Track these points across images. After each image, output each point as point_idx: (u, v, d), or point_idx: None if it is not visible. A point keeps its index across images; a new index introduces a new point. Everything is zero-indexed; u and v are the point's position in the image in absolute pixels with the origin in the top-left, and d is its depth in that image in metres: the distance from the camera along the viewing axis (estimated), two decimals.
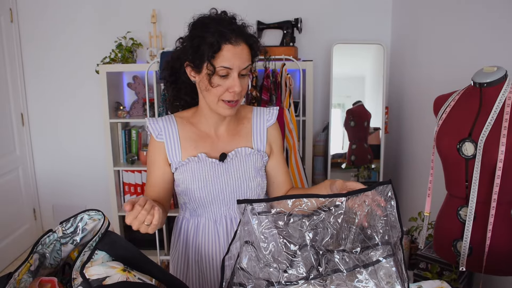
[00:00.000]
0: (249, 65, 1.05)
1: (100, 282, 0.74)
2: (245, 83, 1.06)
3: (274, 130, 1.21)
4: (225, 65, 1.01)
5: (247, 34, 1.06)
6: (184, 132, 1.15)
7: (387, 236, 0.79)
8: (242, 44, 1.03)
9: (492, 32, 1.60)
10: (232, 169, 1.12)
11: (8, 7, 2.92)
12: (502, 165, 1.12)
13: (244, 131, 1.18)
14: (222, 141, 1.15)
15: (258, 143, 1.18)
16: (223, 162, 1.12)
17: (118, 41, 2.75)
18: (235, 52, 1.02)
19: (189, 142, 1.14)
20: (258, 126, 1.19)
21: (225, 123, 1.16)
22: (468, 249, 1.21)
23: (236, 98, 1.05)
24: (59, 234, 0.85)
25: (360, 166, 2.76)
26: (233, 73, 1.02)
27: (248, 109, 1.22)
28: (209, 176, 1.11)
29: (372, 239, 0.79)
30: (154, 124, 1.15)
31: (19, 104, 3.05)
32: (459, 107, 1.29)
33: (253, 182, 1.13)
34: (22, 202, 3.08)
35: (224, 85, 1.03)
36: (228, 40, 1.01)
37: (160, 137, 1.14)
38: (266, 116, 1.20)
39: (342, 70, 2.67)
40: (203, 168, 1.11)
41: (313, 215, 0.81)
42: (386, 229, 0.79)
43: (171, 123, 1.16)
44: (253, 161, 1.15)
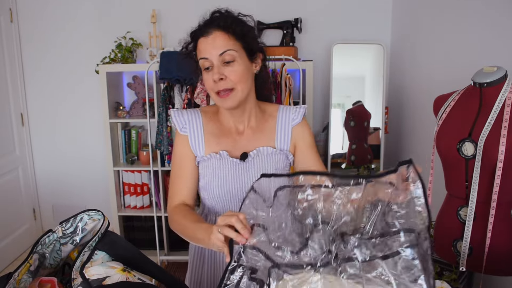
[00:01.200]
0: (229, 50, 1.00)
1: (100, 282, 0.74)
2: (233, 70, 1.01)
3: (300, 128, 1.15)
4: (201, 56, 1.02)
5: (219, 19, 1.02)
6: (208, 127, 1.13)
7: (411, 223, 0.69)
8: (214, 31, 1.01)
9: (492, 32, 1.60)
10: (253, 169, 1.10)
11: (8, 7, 2.91)
12: (502, 165, 1.12)
13: (268, 129, 1.14)
14: (245, 138, 1.12)
15: (282, 142, 1.13)
16: (244, 161, 1.09)
17: (118, 41, 2.75)
18: (207, 42, 1.01)
19: (213, 137, 1.12)
20: (283, 125, 1.14)
21: (246, 119, 1.12)
22: (468, 249, 1.21)
23: (223, 87, 1.01)
24: (59, 234, 0.85)
25: (360, 166, 2.76)
26: (213, 62, 1.01)
27: (274, 107, 1.18)
28: (229, 174, 1.09)
29: (392, 226, 0.70)
30: (178, 117, 1.14)
31: (19, 104, 3.05)
32: (459, 107, 1.29)
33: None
34: (22, 202, 3.07)
35: (210, 77, 1.02)
36: (201, 34, 1.02)
37: (184, 130, 1.13)
38: (292, 115, 1.15)
39: (342, 70, 2.67)
40: (224, 166, 1.09)
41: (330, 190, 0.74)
42: (409, 215, 0.69)
43: (196, 116, 1.14)
44: (275, 161, 1.11)
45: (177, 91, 2.54)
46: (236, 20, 1.04)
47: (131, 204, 2.86)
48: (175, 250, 2.91)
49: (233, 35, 1.02)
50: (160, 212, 2.76)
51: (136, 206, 2.86)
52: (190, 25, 1.10)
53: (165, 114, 2.56)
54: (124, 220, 2.93)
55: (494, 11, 1.59)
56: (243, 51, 1.04)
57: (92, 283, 0.74)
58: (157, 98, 2.62)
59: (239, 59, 1.02)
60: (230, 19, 1.03)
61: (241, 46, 1.03)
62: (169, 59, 2.40)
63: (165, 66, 2.40)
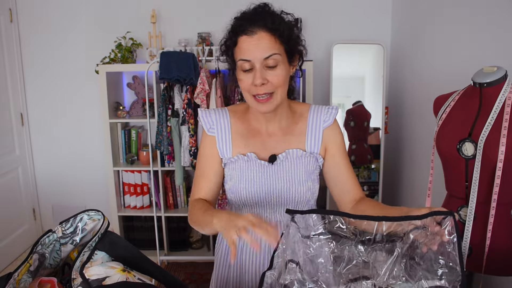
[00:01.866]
0: (274, 54, 0.94)
1: (100, 282, 0.74)
2: (275, 75, 0.96)
3: (331, 131, 1.09)
4: (243, 58, 0.95)
5: (265, 19, 0.95)
6: (236, 127, 1.09)
7: (443, 280, 0.68)
8: (260, 31, 0.94)
9: (492, 32, 1.60)
10: (282, 172, 1.06)
11: (7, 7, 2.91)
12: (502, 165, 1.12)
13: (298, 131, 1.09)
14: (274, 140, 1.08)
15: (312, 145, 1.08)
16: (272, 164, 1.06)
17: (118, 41, 2.75)
18: (251, 42, 0.94)
19: (240, 138, 1.09)
20: (314, 126, 1.09)
21: (277, 120, 1.08)
22: (468, 249, 1.21)
23: (263, 91, 0.96)
24: (59, 234, 0.85)
25: (360, 166, 2.76)
26: (255, 65, 0.95)
27: (305, 107, 1.12)
28: (257, 177, 1.05)
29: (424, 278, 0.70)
30: (206, 117, 1.11)
31: (19, 104, 3.04)
32: (459, 107, 1.29)
33: (303, 186, 1.06)
34: (21, 202, 3.07)
35: (249, 80, 0.97)
36: (243, 32, 0.95)
37: (212, 130, 1.10)
38: (324, 116, 1.09)
39: (342, 70, 2.67)
40: (251, 168, 1.06)
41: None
42: (443, 270, 0.69)
43: (224, 116, 1.10)
44: (305, 164, 1.07)
45: (177, 91, 2.54)
46: (282, 20, 0.98)
47: (131, 204, 2.86)
48: (175, 250, 2.91)
49: (279, 38, 0.96)
50: (160, 212, 2.76)
51: (136, 206, 2.86)
52: (190, 25, 1.07)
53: (165, 114, 2.56)
54: (124, 220, 2.93)
55: (494, 11, 1.59)
56: (285, 55, 0.99)
57: (92, 283, 0.74)
58: (157, 98, 2.62)
59: (282, 64, 0.97)
60: (278, 19, 0.97)
61: (284, 49, 0.98)
62: (169, 59, 2.40)
63: (165, 66, 2.40)
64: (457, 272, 0.68)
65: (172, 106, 2.55)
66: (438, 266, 0.70)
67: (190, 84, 2.46)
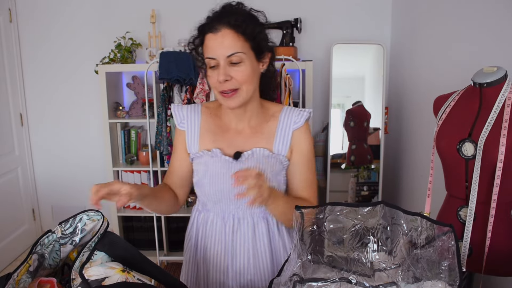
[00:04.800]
0: (237, 52, 0.96)
1: (99, 282, 0.74)
2: (239, 71, 0.98)
3: (300, 133, 1.09)
4: (208, 56, 0.98)
5: (230, 16, 0.97)
6: (206, 123, 1.12)
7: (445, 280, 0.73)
8: (223, 29, 0.96)
9: (492, 32, 1.60)
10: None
11: (7, 7, 2.91)
12: (502, 165, 1.12)
13: (267, 130, 1.09)
14: (242, 137, 1.09)
15: (280, 146, 1.08)
16: (237, 160, 1.06)
17: (117, 41, 2.75)
18: (215, 40, 0.96)
19: (209, 134, 1.11)
20: (284, 127, 1.09)
21: (247, 118, 1.09)
22: (468, 249, 1.21)
23: (227, 87, 0.98)
24: (58, 235, 0.85)
25: (360, 167, 2.76)
26: (220, 62, 0.97)
27: (278, 108, 1.12)
28: (221, 173, 1.07)
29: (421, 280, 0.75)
30: (178, 112, 1.14)
31: (18, 104, 3.04)
32: (459, 107, 1.29)
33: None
34: (21, 203, 3.07)
35: (215, 76, 0.98)
36: (209, 30, 0.97)
37: (182, 125, 1.13)
38: (295, 118, 1.09)
39: (342, 70, 2.67)
40: (216, 163, 1.07)
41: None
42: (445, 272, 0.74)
43: (195, 112, 1.13)
44: (271, 164, 1.07)
45: (176, 91, 2.54)
46: (248, 17, 1.00)
47: (131, 204, 2.86)
48: (174, 251, 2.91)
49: (243, 35, 0.97)
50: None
51: (135, 207, 2.86)
52: (190, 25, 1.07)
53: (164, 114, 2.55)
54: (124, 221, 2.93)
55: (494, 11, 1.59)
56: (251, 52, 1.00)
57: (92, 284, 0.74)
58: (156, 98, 2.62)
59: (247, 60, 0.98)
60: (242, 16, 0.98)
61: (250, 46, 0.99)
62: (169, 59, 2.40)
63: (165, 66, 2.40)
64: (456, 273, 0.72)
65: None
66: (441, 268, 0.74)
67: (189, 84, 2.46)
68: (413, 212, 0.80)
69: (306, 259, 0.84)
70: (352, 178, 2.75)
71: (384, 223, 0.82)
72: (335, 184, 2.73)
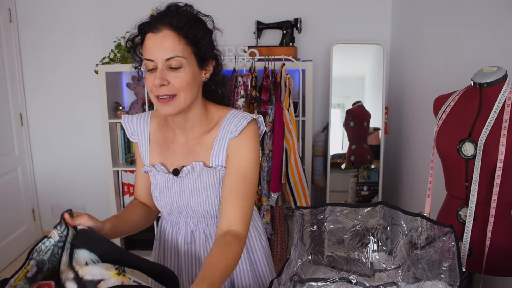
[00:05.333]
0: (177, 56, 0.89)
1: (95, 284, 0.74)
2: (178, 77, 0.91)
3: (235, 143, 0.99)
4: (147, 57, 0.91)
5: (172, 17, 0.90)
6: (154, 134, 1.09)
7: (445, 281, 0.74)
8: (164, 29, 0.90)
9: (492, 32, 1.60)
10: (186, 185, 1.03)
11: (7, 7, 2.91)
12: (502, 165, 1.12)
13: (207, 141, 1.03)
14: (184, 150, 1.05)
15: (217, 158, 1.02)
16: (177, 177, 1.03)
17: (117, 41, 2.75)
18: (155, 40, 0.90)
19: (156, 146, 1.08)
20: (222, 137, 1.01)
21: (189, 128, 1.03)
22: (468, 249, 1.21)
23: (163, 93, 0.91)
24: (56, 238, 0.84)
25: (360, 167, 2.76)
26: (158, 65, 0.90)
27: (222, 113, 1.04)
28: (166, 188, 1.05)
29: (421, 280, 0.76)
30: (128, 123, 1.11)
31: (18, 104, 3.04)
32: (459, 107, 1.29)
33: (211, 199, 1.03)
34: (21, 203, 3.07)
35: (151, 79, 0.92)
36: (150, 28, 0.91)
37: (134, 137, 1.11)
38: (232, 127, 0.99)
39: (341, 70, 2.67)
40: (161, 179, 1.06)
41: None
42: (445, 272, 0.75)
43: (145, 123, 1.10)
44: (210, 178, 1.02)
45: None
46: (192, 20, 0.93)
47: None
48: None
49: (184, 39, 0.91)
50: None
51: None
52: None
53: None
54: None
55: (494, 11, 1.59)
56: (193, 57, 0.93)
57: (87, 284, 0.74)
58: None
59: (187, 66, 0.92)
60: (185, 18, 0.92)
61: (192, 51, 0.93)
62: None
63: None
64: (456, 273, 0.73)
65: None
66: (441, 269, 0.75)
67: None
68: (413, 213, 0.80)
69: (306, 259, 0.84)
70: (352, 178, 2.75)
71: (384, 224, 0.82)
72: (335, 184, 2.73)
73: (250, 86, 2.41)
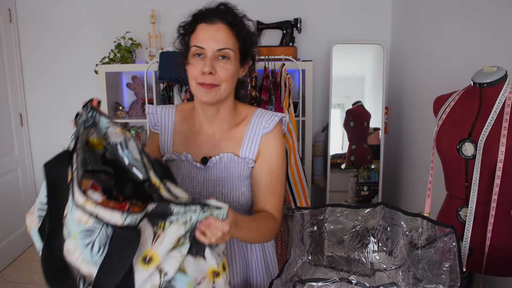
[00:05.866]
0: (227, 49, 0.96)
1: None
2: (225, 68, 0.97)
3: (268, 139, 1.06)
4: (198, 44, 0.97)
5: (227, 14, 0.98)
6: (179, 126, 1.12)
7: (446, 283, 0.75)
8: (219, 23, 0.97)
9: (492, 32, 1.60)
10: (214, 175, 1.06)
11: (7, 7, 2.91)
12: (502, 165, 1.12)
13: (237, 135, 1.08)
14: (212, 142, 1.08)
15: (247, 151, 1.06)
16: (205, 166, 1.06)
17: (117, 41, 2.75)
18: (209, 30, 0.97)
19: (181, 137, 1.11)
20: (253, 132, 1.07)
21: (219, 120, 1.07)
22: (468, 249, 1.21)
23: (208, 81, 0.97)
24: (83, 118, 0.83)
25: (360, 167, 2.76)
26: (207, 53, 0.96)
27: (250, 111, 1.10)
28: (190, 177, 1.07)
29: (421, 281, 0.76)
30: (152, 114, 1.14)
31: (18, 104, 3.04)
32: (459, 107, 1.29)
33: (236, 190, 1.06)
34: (21, 203, 3.07)
35: (199, 66, 0.97)
36: (204, 19, 0.98)
37: (156, 128, 1.13)
38: (264, 123, 1.06)
39: (341, 70, 2.67)
40: (186, 168, 1.08)
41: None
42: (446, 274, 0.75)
43: (169, 114, 1.13)
44: (238, 169, 1.05)
45: (176, 91, 2.54)
46: (242, 20, 1.02)
47: None
48: None
49: (236, 35, 0.99)
50: None
51: None
52: None
53: None
54: None
55: (494, 11, 1.59)
56: (238, 53, 1.01)
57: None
58: (156, 98, 2.62)
59: (233, 60, 0.99)
60: (238, 18, 1.00)
61: (238, 47, 1.00)
62: (169, 59, 2.40)
63: (165, 66, 2.40)
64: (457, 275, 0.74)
65: None
66: (442, 269, 0.75)
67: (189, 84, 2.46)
68: (413, 213, 0.80)
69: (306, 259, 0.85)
70: (352, 178, 2.75)
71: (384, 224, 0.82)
72: (335, 184, 2.73)
73: (250, 86, 2.41)
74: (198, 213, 0.71)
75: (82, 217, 0.67)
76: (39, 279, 2.66)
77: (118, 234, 0.66)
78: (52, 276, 0.69)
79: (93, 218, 0.66)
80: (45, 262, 0.71)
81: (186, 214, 0.71)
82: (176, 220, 0.71)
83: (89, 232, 0.67)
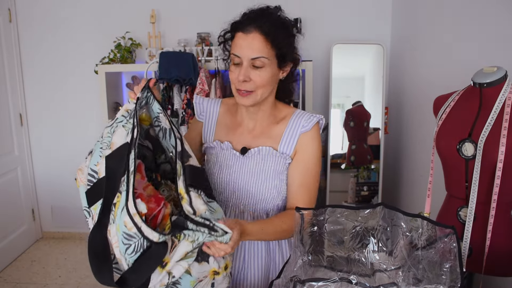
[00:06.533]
0: (262, 57, 1.01)
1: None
2: (259, 75, 1.02)
3: (306, 138, 1.10)
4: (235, 53, 1.03)
5: (264, 21, 1.01)
6: (223, 118, 1.19)
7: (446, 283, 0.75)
8: (254, 32, 1.00)
9: (492, 32, 1.60)
10: (251, 165, 1.11)
11: (6, 7, 2.91)
12: (502, 165, 1.12)
13: (276, 132, 1.13)
14: (251, 136, 1.15)
15: (285, 147, 1.11)
16: (243, 156, 1.12)
17: (117, 41, 2.75)
18: (244, 40, 1.01)
19: (223, 128, 1.18)
20: (292, 130, 1.12)
21: (259, 117, 1.14)
22: (468, 249, 1.21)
23: (243, 88, 1.03)
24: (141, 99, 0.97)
25: (360, 167, 2.76)
26: (243, 62, 1.02)
27: (290, 111, 1.15)
28: (228, 165, 1.13)
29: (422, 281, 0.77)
30: (199, 104, 1.22)
31: (18, 104, 3.04)
32: (459, 108, 1.29)
33: (269, 183, 1.10)
34: (20, 203, 3.07)
35: (236, 73, 1.04)
36: (241, 29, 1.02)
37: (201, 116, 1.21)
38: (304, 122, 1.11)
39: (341, 70, 2.67)
40: (225, 155, 1.14)
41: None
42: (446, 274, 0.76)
43: (215, 106, 1.21)
44: (274, 163, 1.11)
45: (176, 91, 2.54)
46: (280, 25, 1.04)
47: None
48: None
49: (270, 43, 1.02)
50: None
51: None
52: (190, 25, 1.09)
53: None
54: None
55: (494, 11, 1.59)
56: (275, 59, 1.04)
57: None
58: None
59: (268, 67, 1.03)
60: (275, 25, 1.03)
61: (275, 54, 1.03)
62: (169, 59, 2.40)
63: (165, 66, 2.40)
64: (457, 276, 0.74)
65: (171, 106, 2.55)
66: (442, 269, 0.75)
67: (189, 84, 2.46)
68: (413, 214, 0.80)
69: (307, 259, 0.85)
70: (352, 178, 2.75)
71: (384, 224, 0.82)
72: (335, 184, 2.73)
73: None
74: (205, 236, 0.82)
75: (128, 223, 0.79)
76: (39, 279, 2.66)
77: (153, 249, 0.78)
78: (95, 253, 0.83)
79: (136, 228, 0.78)
80: (92, 238, 0.85)
81: (195, 234, 0.81)
82: (188, 236, 0.81)
83: (130, 236, 0.79)
